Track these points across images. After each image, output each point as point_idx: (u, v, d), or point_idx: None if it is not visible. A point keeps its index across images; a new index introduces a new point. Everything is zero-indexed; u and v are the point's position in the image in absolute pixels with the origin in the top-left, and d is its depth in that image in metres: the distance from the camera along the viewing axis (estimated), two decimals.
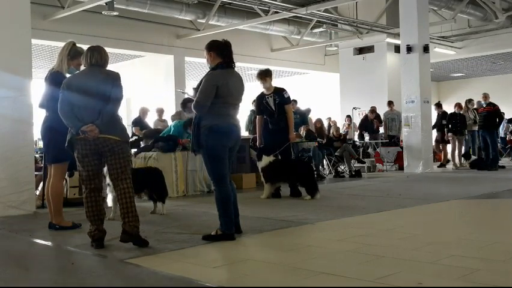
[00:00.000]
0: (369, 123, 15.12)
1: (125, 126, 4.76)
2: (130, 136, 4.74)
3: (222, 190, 4.64)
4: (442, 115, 14.61)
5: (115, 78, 4.57)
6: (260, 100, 8.08)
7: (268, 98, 7.97)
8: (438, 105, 15.00)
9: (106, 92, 4.47)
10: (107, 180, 6.09)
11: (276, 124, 7.96)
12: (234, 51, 4.81)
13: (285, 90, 8.07)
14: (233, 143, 4.73)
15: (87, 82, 4.53)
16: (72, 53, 5.41)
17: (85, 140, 4.40)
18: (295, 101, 13.52)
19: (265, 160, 7.86)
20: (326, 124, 15.79)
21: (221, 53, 4.73)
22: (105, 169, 6.02)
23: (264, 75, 7.96)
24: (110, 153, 4.43)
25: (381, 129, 15.57)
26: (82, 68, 4.94)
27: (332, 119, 16.69)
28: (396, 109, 15.12)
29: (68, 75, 5.40)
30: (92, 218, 4.46)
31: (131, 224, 4.33)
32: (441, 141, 14.77)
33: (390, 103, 15.29)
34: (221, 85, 4.59)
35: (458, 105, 14.21)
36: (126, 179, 4.46)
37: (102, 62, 4.62)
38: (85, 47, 4.86)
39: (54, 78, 5.31)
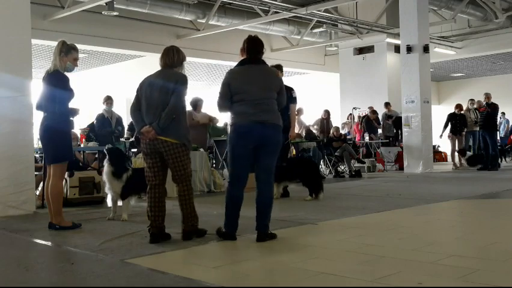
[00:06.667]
0: (371, 123, 15.13)
1: (187, 129, 4.71)
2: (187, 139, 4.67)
3: (232, 191, 4.57)
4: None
5: (176, 81, 4.56)
6: None
7: None
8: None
9: (168, 95, 4.51)
10: (104, 177, 6.10)
11: None
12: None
13: (293, 89, 8.03)
14: (256, 142, 4.46)
15: (154, 84, 4.60)
16: (65, 50, 5.42)
17: (145, 139, 4.57)
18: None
19: None
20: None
21: (247, 48, 4.71)
22: (105, 167, 6.06)
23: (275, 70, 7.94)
24: (167, 155, 4.55)
25: (380, 130, 15.58)
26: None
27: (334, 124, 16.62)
28: (394, 109, 15.13)
29: (65, 73, 5.43)
30: (149, 214, 4.60)
31: (189, 224, 4.56)
32: None
33: (387, 104, 15.29)
34: (232, 83, 4.53)
35: (458, 106, 14.23)
36: (185, 181, 4.62)
37: (175, 63, 4.68)
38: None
39: (53, 78, 5.32)
